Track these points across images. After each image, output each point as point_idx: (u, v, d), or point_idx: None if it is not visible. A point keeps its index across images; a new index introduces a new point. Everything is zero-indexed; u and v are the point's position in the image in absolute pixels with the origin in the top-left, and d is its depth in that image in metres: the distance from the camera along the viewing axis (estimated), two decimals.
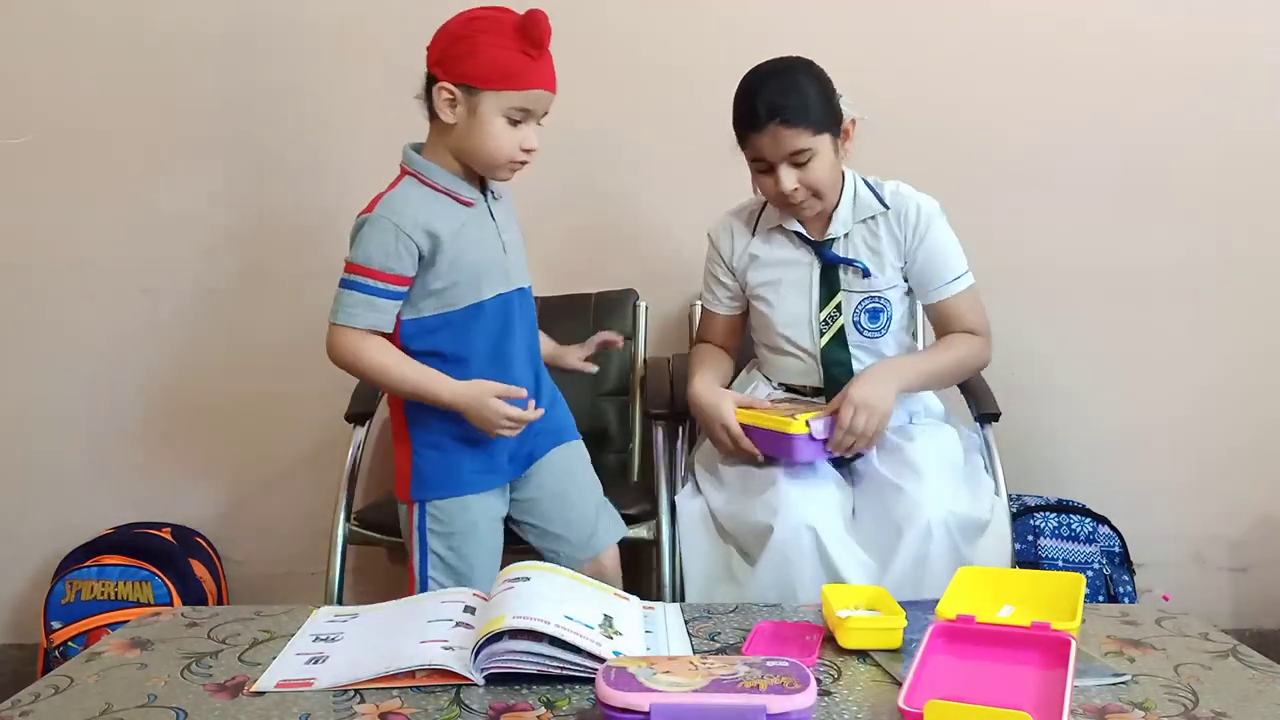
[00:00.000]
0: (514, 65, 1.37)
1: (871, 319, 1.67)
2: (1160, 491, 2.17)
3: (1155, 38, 2.12)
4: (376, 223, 1.41)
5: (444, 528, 1.48)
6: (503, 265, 1.48)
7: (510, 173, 1.46)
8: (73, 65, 2.12)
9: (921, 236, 1.64)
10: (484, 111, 1.38)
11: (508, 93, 1.38)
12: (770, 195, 1.61)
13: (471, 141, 1.41)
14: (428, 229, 1.40)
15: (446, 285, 1.43)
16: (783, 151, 1.53)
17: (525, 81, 1.38)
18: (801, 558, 1.47)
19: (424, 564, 1.48)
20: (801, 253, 1.69)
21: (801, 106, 1.52)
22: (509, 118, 1.39)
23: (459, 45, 1.38)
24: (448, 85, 1.38)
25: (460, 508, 1.48)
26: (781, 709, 0.86)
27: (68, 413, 2.17)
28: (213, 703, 0.98)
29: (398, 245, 1.39)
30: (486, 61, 1.36)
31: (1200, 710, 0.97)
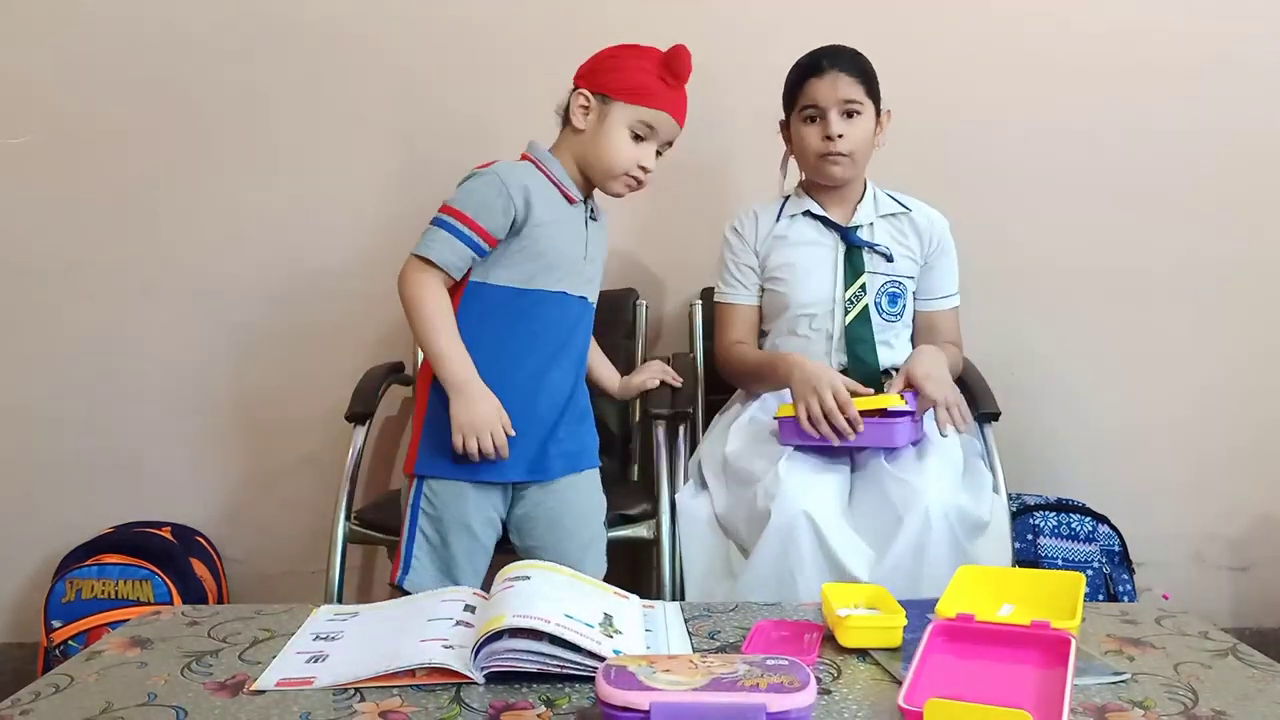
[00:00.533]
0: (650, 85, 1.50)
1: (891, 302, 1.74)
2: (1160, 491, 2.17)
3: (1155, 38, 2.12)
4: (484, 175, 1.48)
5: (436, 511, 1.48)
6: (581, 269, 1.54)
7: (624, 188, 1.55)
8: (73, 65, 2.12)
9: (942, 248, 1.79)
10: (613, 120, 1.50)
11: (638, 107, 1.50)
12: (813, 145, 1.70)
13: (596, 147, 1.51)
14: (528, 197, 1.46)
15: (525, 259, 1.47)
16: (838, 96, 1.66)
17: (656, 101, 1.51)
18: (800, 543, 1.47)
19: (410, 541, 1.49)
20: (825, 235, 1.76)
21: (860, 66, 1.70)
22: (634, 131, 1.51)
23: (606, 62, 1.53)
24: (585, 92, 1.52)
25: (456, 494, 1.48)
26: (781, 708, 0.86)
27: (68, 412, 2.17)
28: (213, 701, 0.98)
29: (496, 200, 1.45)
30: (626, 77, 1.50)
31: (1200, 709, 0.97)
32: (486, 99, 2.15)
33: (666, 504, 1.71)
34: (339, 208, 2.18)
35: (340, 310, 2.18)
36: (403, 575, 1.48)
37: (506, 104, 2.15)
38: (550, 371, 1.50)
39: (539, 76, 2.14)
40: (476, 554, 1.50)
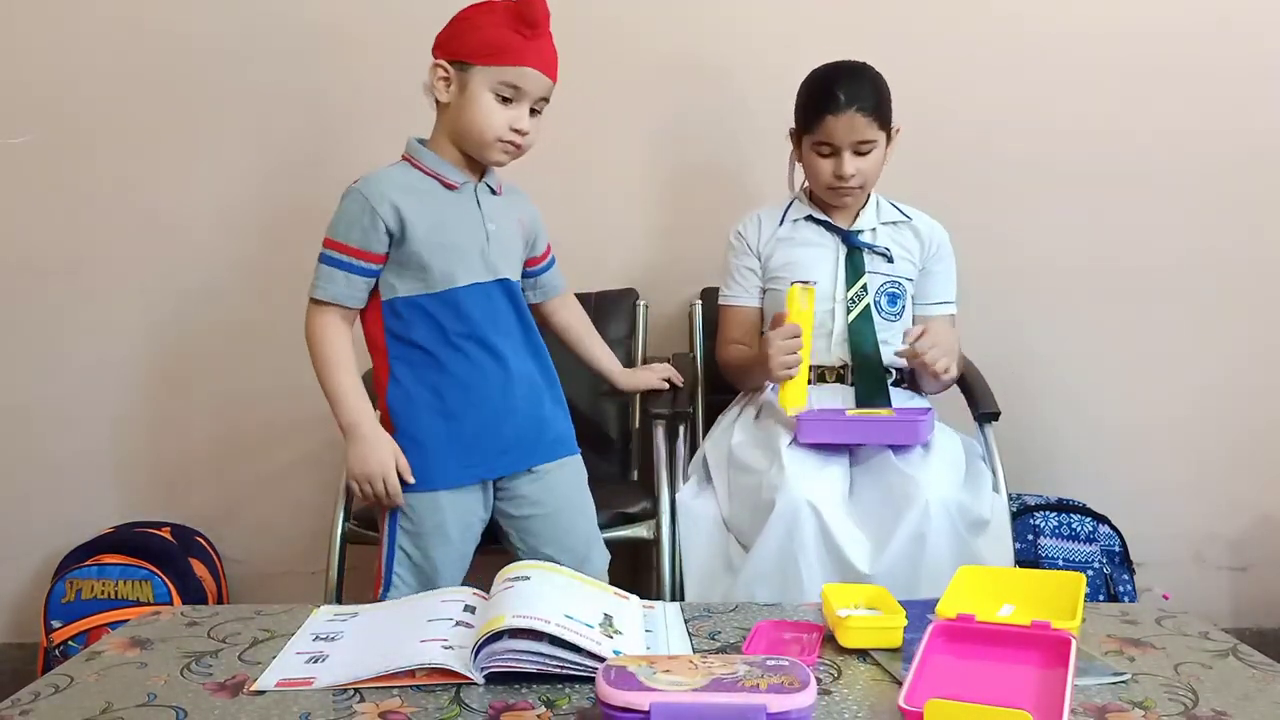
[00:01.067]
0: (505, 41, 1.40)
1: (890, 302, 1.75)
2: (1160, 491, 2.17)
3: (1156, 37, 2.12)
4: (349, 195, 1.44)
5: (413, 526, 1.46)
6: (482, 254, 1.47)
7: (503, 154, 1.47)
8: (73, 65, 2.12)
9: (940, 254, 1.81)
10: (474, 87, 1.41)
11: (497, 68, 1.41)
12: (824, 178, 1.71)
13: (463, 119, 1.43)
14: (395, 203, 1.42)
15: (418, 265, 1.43)
16: (853, 138, 1.66)
17: (515, 58, 1.41)
18: (803, 531, 1.48)
19: (390, 559, 1.47)
20: (827, 238, 1.78)
21: (876, 101, 1.68)
22: (498, 93, 1.42)
23: (455, 26, 1.44)
24: (442, 63, 1.43)
25: (431, 505, 1.45)
26: (781, 708, 0.86)
27: (67, 412, 2.17)
28: (213, 702, 0.98)
29: (363, 218, 1.42)
30: (478, 38, 1.41)
31: (1200, 709, 0.97)
32: None
33: (666, 504, 1.71)
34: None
35: None
36: (384, 593, 1.46)
37: None
38: (496, 363, 1.47)
39: None
40: (456, 562, 1.48)
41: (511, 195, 1.57)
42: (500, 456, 1.49)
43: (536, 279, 1.68)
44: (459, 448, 1.46)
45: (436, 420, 1.45)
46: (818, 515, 1.49)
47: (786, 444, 1.59)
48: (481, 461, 1.48)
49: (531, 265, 1.65)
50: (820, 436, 1.60)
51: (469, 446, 1.46)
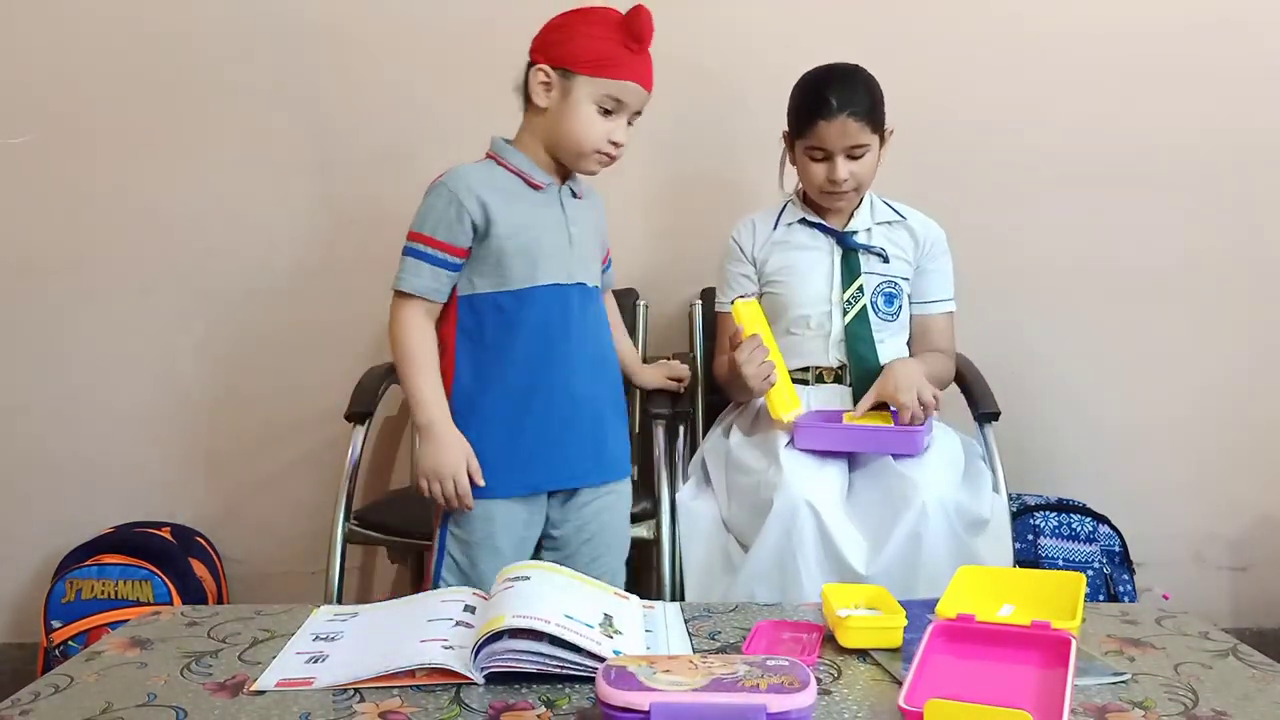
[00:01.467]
0: (612, 54, 1.40)
1: (887, 302, 1.75)
2: (1160, 491, 2.17)
3: (1156, 37, 2.12)
4: (436, 189, 1.43)
5: (463, 533, 1.45)
6: (564, 256, 1.46)
7: (597, 165, 1.47)
8: (73, 65, 2.12)
9: (936, 252, 1.80)
10: (577, 96, 1.41)
11: (602, 80, 1.40)
12: (818, 182, 1.70)
13: (562, 126, 1.42)
14: (482, 198, 1.41)
15: (500, 261, 1.42)
16: (845, 143, 1.65)
17: (621, 72, 1.41)
18: (802, 531, 1.48)
19: (439, 563, 1.46)
20: (821, 240, 1.78)
21: (869, 105, 1.66)
22: (601, 106, 1.42)
23: (560, 32, 1.42)
24: (545, 68, 1.41)
25: (483, 515, 1.43)
26: (781, 708, 0.86)
27: (67, 412, 2.17)
28: (213, 702, 0.98)
29: (450, 210, 1.41)
30: (585, 48, 1.40)
31: (1200, 709, 0.97)
32: (486, 100, 2.15)
33: (666, 504, 1.71)
34: (339, 207, 2.18)
35: (340, 310, 2.18)
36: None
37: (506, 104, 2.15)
38: (564, 370, 1.44)
39: None
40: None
41: (590, 198, 1.56)
42: (560, 468, 1.46)
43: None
44: (519, 457, 1.43)
45: (498, 426, 1.43)
46: (816, 515, 1.49)
47: (784, 444, 1.60)
48: (540, 472, 1.45)
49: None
50: (817, 444, 1.59)
51: (529, 456, 1.44)
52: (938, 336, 1.80)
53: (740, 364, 1.60)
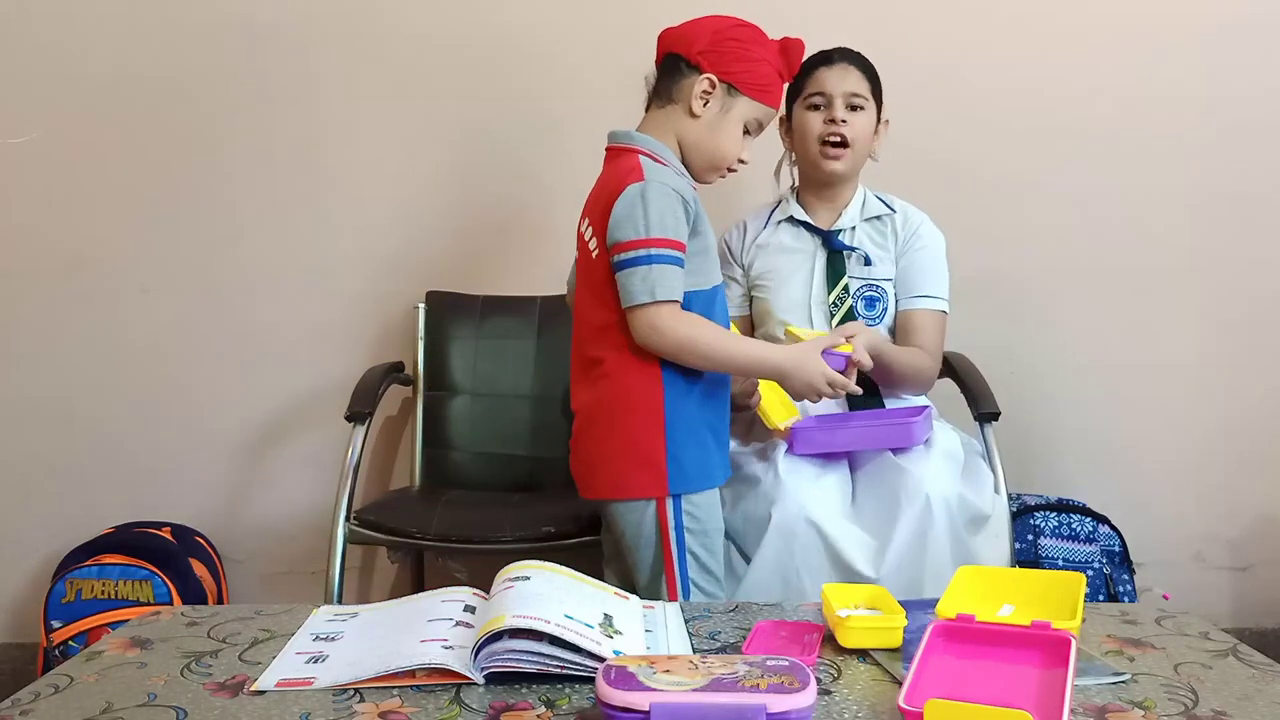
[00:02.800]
0: (774, 82, 1.45)
1: (869, 306, 1.73)
2: (1160, 491, 2.17)
3: (1156, 37, 2.12)
4: (657, 190, 1.36)
5: (700, 525, 1.43)
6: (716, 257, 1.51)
7: (718, 177, 1.50)
8: (73, 65, 2.12)
9: (916, 245, 1.75)
10: (735, 115, 1.43)
11: (762, 106, 1.44)
12: (816, 131, 1.70)
13: (711, 138, 1.44)
14: (692, 197, 1.41)
15: (701, 259, 1.43)
16: (845, 87, 1.69)
17: (775, 100, 1.46)
18: (802, 545, 1.48)
19: (683, 564, 1.42)
20: (806, 242, 1.76)
21: (868, 67, 1.73)
22: (747, 127, 1.45)
23: (731, 45, 1.42)
24: (712, 77, 1.41)
25: (712, 503, 1.45)
26: (781, 708, 0.86)
27: (68, 412, 2.17)
28: (213, 702, 0.98)
29: (679, 209, 1.38)
30: (755, 71, 1.42)
31: (1200, 709, 0.97)
32: (486, 99, 2.16)
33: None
34: (339, 207, 2.18)
35: (340, 310, 2.18)
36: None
37: (504, 104, 2.15)
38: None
39: (539, 78, 2.16)
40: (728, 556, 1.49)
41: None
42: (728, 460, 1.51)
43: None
44: (722, 446, 1.48)
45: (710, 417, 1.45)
46: (816, 528, 1.49)
47: (784, 451, 1.59)
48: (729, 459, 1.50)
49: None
50: (815, 447, 1.59)
51: (724, 446, 1.48)
52: (919, 335, 1.72)
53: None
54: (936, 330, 1.74)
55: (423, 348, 2.10)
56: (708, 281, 1.45)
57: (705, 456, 1.44)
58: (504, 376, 2.07)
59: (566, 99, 2.13)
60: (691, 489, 1.43)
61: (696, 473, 1.43)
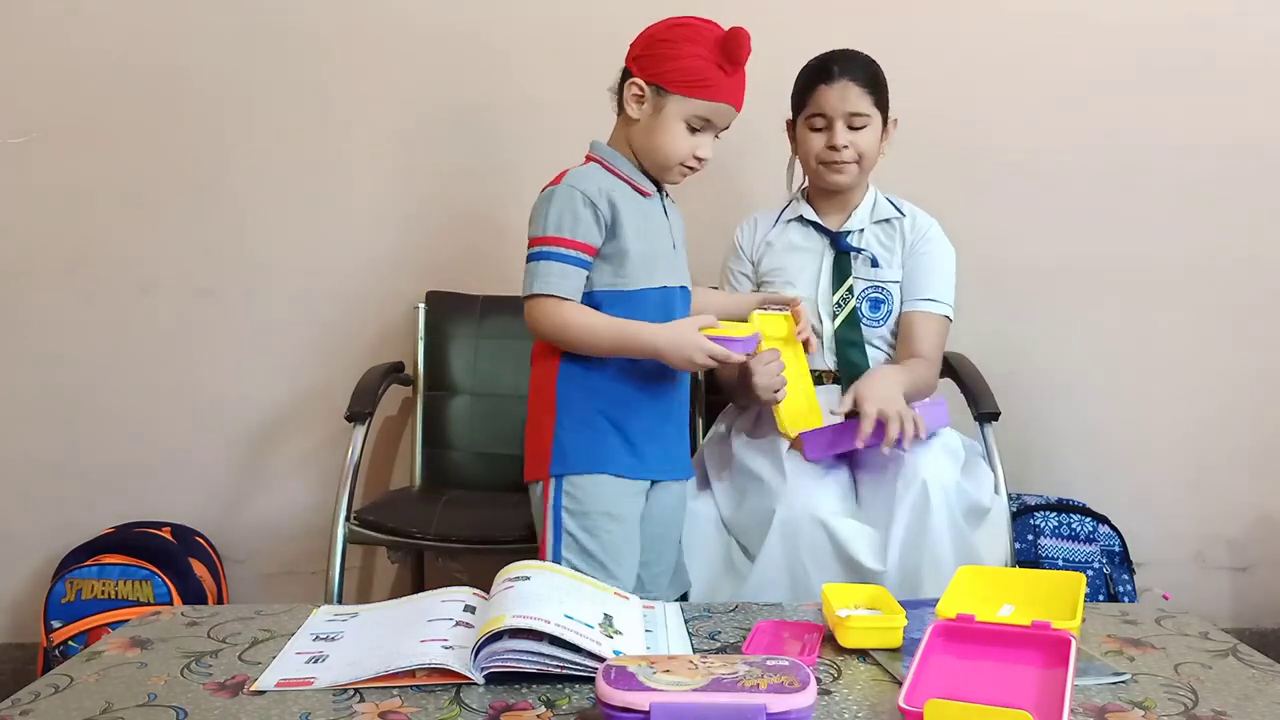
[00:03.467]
0: (707, 76, 1.41)
1: (873, 308, 1.73)
2: (1160, 491, 2.17)
3: (1156, 37, 2.12)
4: (562, 192, 1.44)
5: (580, 506, 1.44)
6: (671, 259, 1.51)
7: (680, 176, 1.49)
8: (73, 65, 2.12)
9: (922, 248, 1.74)
10: (668, 114, 1.43)
11: (695, 100, 1.42)
12: (816, 151, 1.69)
13: (651, 140, 1.45)
14: (611, 198, 1.43)
15: (622, 261, 1.44)
16: (846, 108, 1.65)
17: (714, 94, 1.42)
18: (807, 542, 1.48)
19: (557, 543, 1.45)
20: (814, 241, 1.77)
21: (871, 77, 1.68)
22: (689, 124, 1.44)
23: (659, 47, 1.43)
24: (639, 81, 1.43)
25: (595, 485, 1.45)
26: (781, 708, 0.86)
27: (68, 412, 2.17)
28: (213, 702, 0.98)
29: (584, 211, 1.42)
30: (682, 67, 1.40)
31: (1200, 709, 0.97)
32: (485, 99, 2.16)
33: None
34: (338, 207, 2.18)
35: (340, 310, 2.18)
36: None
37: (503, 104, 2.15)
38: (661, 371, 1.46)
39: (538, 77, 2.16)
40: (630, 547, 1.46)
41: (677, 208, 1.59)
42: (660, 461, 1.50)
43: None
44: (625, 442, 1.46)
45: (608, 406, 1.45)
46: (821, 525, 1.49)
47: (788, 449, 1.59)
48: (643, 463, 1.47)
49: None
50: (825, 451, 1.57)
51: (635, 444, 1.46)
52: (920, 341, 1.70)
53: (754, 373, 1.56)
54: (936, 334, 1.73)
55: (423, 348, 2.10)
56: (632, 284, 1.45)
57: (595, 441, 1.45)
58: (504, 376, 2.07)
59: (568, 100, 2.13)
60: (571, 470, 1.45)
61: (579, 456, 1.45)
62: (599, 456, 1.46)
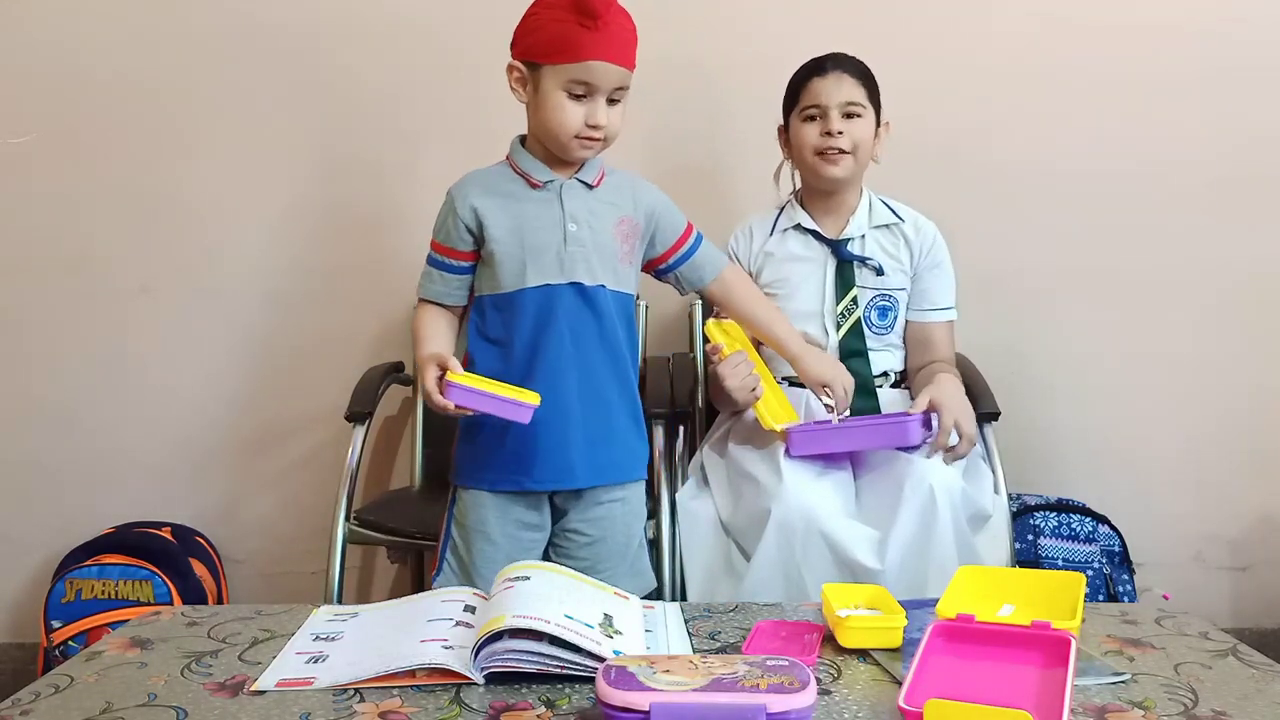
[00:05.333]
0: (568, 37, 1.34)
1: (881, 316, 1.73)
2: (1160, 491, 2.17)
3: (1155, 38, 2.12)
4: (446, 197, 1.48)
5: (461, 517, 1.48)
6: (557, 255, 1.42)
7: (583, 150, 1.42)
8: (73, 65, 2.12)
9: (935, 261, 1.76)
10: (545, 86, 1.38)
11: (564, 66, 1.36)
12: (812, 142, 1.69)
13: (539, 118, 1.41)
14: (475, 204, 1.43)
15: (492, 263, 1.44)
16: (840, 97, 1.67)
17: (579, 54, 1.35)
18: (802, 540, 1.48)
19: (445, 544, 1.50)
20: (816, 250, 1.76)
21: (863, 71, 1.71)
22: (570, 91, 1.38)
23: (525, 22, 1.40)
24: (516, 63, 1.42)
25: (474, 502, 1.46)
26: (781, 708, 0.86)
27: (68, 412, 2.17)
28: (213, 702, 0.98)
29: (448, 219, 1.45)
30: (543, 36, 1.37)
31: (1200, 709, 0.97)
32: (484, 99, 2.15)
33: (667, 504, 1.71)
34: (338, 208, 2.18)
35: (340, 310, 2.18)
36: (435, 576, 1.50)
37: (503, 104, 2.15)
38: (557, 372, 1.42)
39: None
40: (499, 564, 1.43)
41: (614, 190, 1.49)
42: (551, 471, 1.44)
43: (676, 271, 1.58)
44: (508, 453, 1.43)
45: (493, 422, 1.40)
46: (816, 524, 1.49)
47: (784, 451, 1.59)
48: (527, 472, 1.43)
49: (662, 260, 1.57)
50: (810, 448, 1.58)
51: (517, 454, 1.42)
52: (939, 347, 1.76)
53: (724, 378, 1.59)
54: (951, 338, 1.79)
55: None
56: (505, 285, 1.43)
57: (475, 456, 1.46)
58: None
59: None
60: (459, 482, 1.50)
61: (463, 468, 1.49)
62: (479, 470, 1.46)
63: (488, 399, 1.34)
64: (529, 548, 1.48)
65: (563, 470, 1.45)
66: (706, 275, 1.60)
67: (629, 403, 1.51)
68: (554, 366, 1.43)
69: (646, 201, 1.53)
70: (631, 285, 1.52)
